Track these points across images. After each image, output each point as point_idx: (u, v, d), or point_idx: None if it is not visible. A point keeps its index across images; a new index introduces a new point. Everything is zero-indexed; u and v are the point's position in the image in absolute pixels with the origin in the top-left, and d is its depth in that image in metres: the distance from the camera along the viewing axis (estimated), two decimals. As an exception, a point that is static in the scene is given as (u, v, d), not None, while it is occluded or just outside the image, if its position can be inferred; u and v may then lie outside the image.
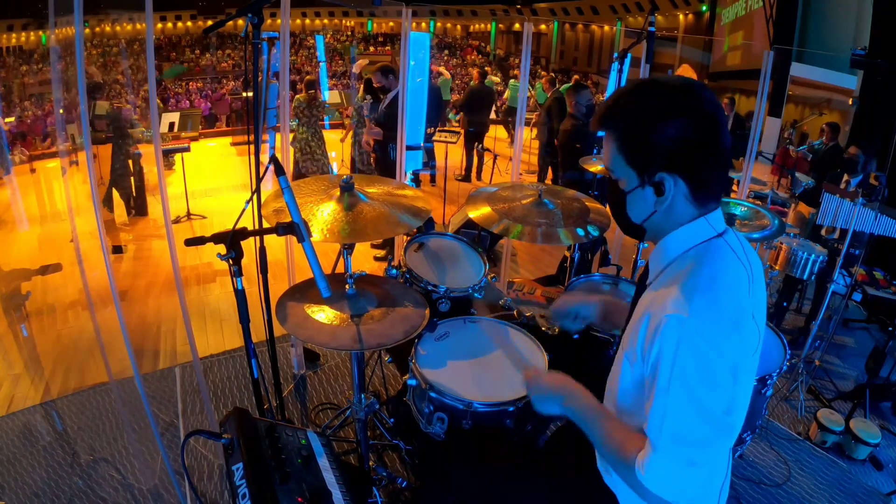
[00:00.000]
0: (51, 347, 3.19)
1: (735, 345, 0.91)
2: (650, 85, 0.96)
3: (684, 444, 0.91)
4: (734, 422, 0.92)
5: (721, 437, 0.93)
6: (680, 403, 0.91)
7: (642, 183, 0.99)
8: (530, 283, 2.46)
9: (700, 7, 15.86)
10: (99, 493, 2.08)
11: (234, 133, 11.49)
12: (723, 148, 0.95)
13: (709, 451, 0.93)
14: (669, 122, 0.93)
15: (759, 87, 3.68)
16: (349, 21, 23.61)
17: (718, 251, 0.98)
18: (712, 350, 0.89)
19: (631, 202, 1.03)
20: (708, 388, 0.90)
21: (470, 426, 1.48)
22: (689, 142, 0.93)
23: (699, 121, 0.93)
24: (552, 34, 22.64)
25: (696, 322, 0.89)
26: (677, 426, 0.91)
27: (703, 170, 0.97)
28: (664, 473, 0.93)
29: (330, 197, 1.73)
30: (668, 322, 0.91)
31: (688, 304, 0.90)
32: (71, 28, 1.69)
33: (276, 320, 1.54)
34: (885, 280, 3.56)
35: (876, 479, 2.41)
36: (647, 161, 0.97)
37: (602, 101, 1.05)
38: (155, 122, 2.09)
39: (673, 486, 0.94)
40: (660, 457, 0.93)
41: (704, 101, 0.93)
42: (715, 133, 0.94)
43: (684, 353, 0.89)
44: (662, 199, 0.98)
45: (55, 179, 7.72)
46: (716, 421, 0.91)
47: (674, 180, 0.96)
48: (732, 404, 0.91)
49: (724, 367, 0.90)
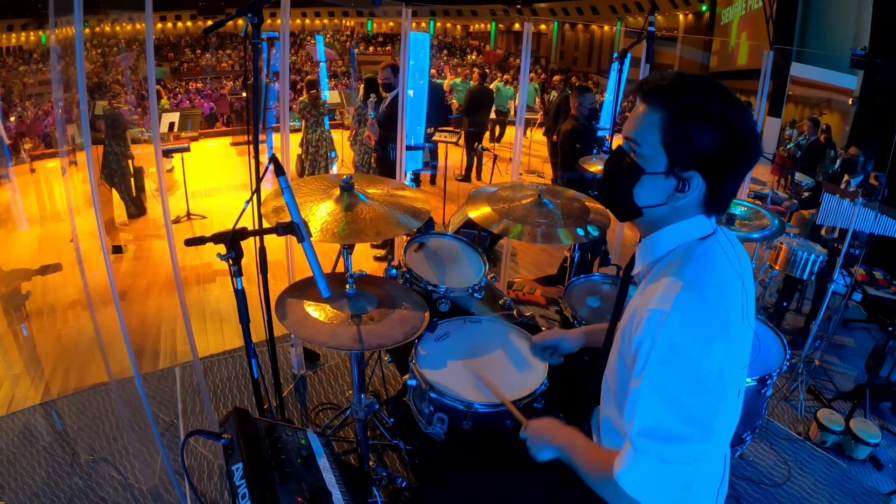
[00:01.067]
0: (51, 347, 3.19)
1: (723, 347, 0.89)
2: (720, 86, 0.95)
3: (655, 440, 0.90)
4: (714, 425, 0.90)
5: (698, 437, 0.89)
6: (652, 397, 0.90)
7: (668, 172, 0.97)
8: (530, 283, 2.46)
9: (700, 7, 15.87)
10: (99, 493, 2.08)
11: (234, 133, 11.50)
12: (747, 169, 0.98)
13: (683, 450, 0.90)
14: (723, 127, 0.92)
15: (759, 87, 3.69)
16: (349, 21, 23.60)
17: (708, 251, 0.98)
18: (696, 347, 0.88)
19: (644, 184, 0.99)
20: (684, 384, 0.88)
21: (470, 427, 1.48)
22: (728, 154, 0.94)
23: (741, 137, 0.93)
24: (552, 34, 22.63)
25: (678, 316, 0.88)
26: (649, 420, 0.90)
27: (727, 183, 0.97)
28: (636, 471, 0.92)
29: (330, 197, 1.73)
30: (649, 316, 0.91)
31: (671, 299, 0.90)
32: (71, 28, 1.69)
33: (276, 319, 1.54)
34: (885, 280, 3.56)
35: (876, 479, 2.41)
36: (686, 153, 0.95)
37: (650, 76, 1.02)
38: (155, 123, 2.09)
39: (647, 486, 0.92)
40: (632, 453, 0.92)
41: (751, 122, 0.94)
42: (749, 153, 0.95)
43: (660, 347, 0.89)
44: (680, 196, 0.97)
45: (55, 179, 7.72)
46: (692, 419, 0.89)
47: (700, 182, 0.96)
48: (715, 406, 0.89)
49: (708, 366, 0.88)
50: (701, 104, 0.93)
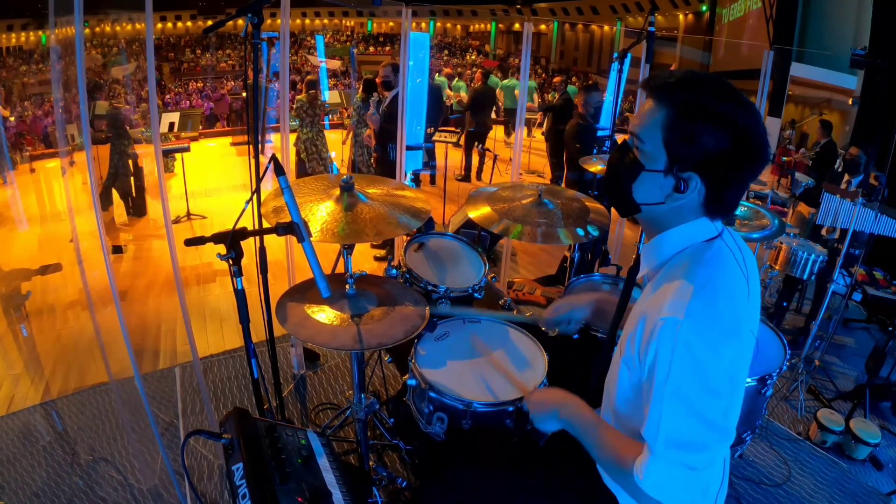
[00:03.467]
0: (51, 347, 3.19)
1: (734, 351, 0.90)
2: (730, 88, 0.92)
3: (682, 449, 0.90)
4: (730, 426, 0.92)
5: (718, 441, 0.92)
6: (676, 408, 0.90)
7: (667, 170, 0.95)
8: (530, 283, 2.46)
9: (700, 7, 15.87)
10: (99, 493, 2.08)
11: (234, 133, 11.50)
12: (752, 175, 0.95)
13: (706, 456, 0.92)
14: (729, 130, 0.90)
15: (759, 87, 3.69)
16: (349, 21, 23.61)
17: (716, 253, 0.97)
18: (709, 354, 0.88)
19: (643, 180, 0.98)
20: (704, 393, 0.89)
21: (470, 426, 1.48)
22: (732, 158, 0.91)
23: (748, 142, 0.91)
24: (552, 34, 22.63)
25: (691, 324, 0.88)
26: (674, 430, 0.90)
27: (729, 188, 0.95)
28: (662, 478, 0.93)
29: (330, 197, 1.73)
30: (663, 325, 0.90)
31: (683, 306, 0.89)
32: (71, 28, 1.69)
33: (277, 320, 1.54)
34: (885, 280, 3.56)
35: (876, 479, 2.41)
36: (687, 153, 0.93)
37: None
38: (155, 123, 2.09)
39: (672, 490, 0.93)
40: (658, 461, 0.92)
41: (761, 127, 0.92)
42: (755, 160, 0.93)
43: (680, 357, 0.88)
44: (679, 197, 0.96)
45: (55, 179, 7.72)
46: (713, 425, 0.90)
47: (699, 184, 0.94)
48: (729, 409, 0.91)
49: (722, 371, 0.89)
50: (707, 105, 0.91)
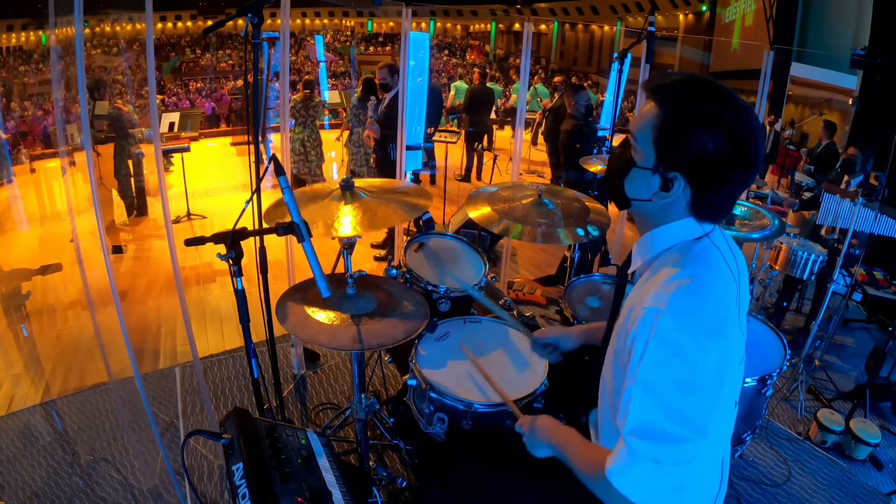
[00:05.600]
0: (51, 347, 3.19)
1: (716, 349, 0.89)
2: (725, 94, 0.92)
3: (647, 439, 0.89)
4: (705, 424, 0.89)
5: (690, 438, 0.88)
6: (643, 397, 0.89)
7: (655, 169, 0.97)
8: (530, 283, 2.46)
9: (700, 7, 15.87)
10: (99, 493, 2.08)
11: (234, 133, 11.50)
12: (741, 181, 0.95)
13: (674, 450, 0.89)
14: (720, 136, 0.90)
15: (759, 87, 3.69)
16: (349, 21, 23.60)
17: (703, 251, 0.97)
18: (690, 346, 0.87)
19: (633, 176, 1.01)
20: (677, 384, 0.88)
21: (470, 426, 1.48)
22: (721, 163, 0.91)
23: (737, 149, 0.91)
24: (552, 34, 22.63)
25: (672, 315, 0.88)
26: (639, 419, 0.90)
27: (715, 192, 0.95)
28: (628, 469, 0.91)
29: (330, 197, 1.72)
30: (644, 314, 0.91)
31: (666, 297, 0.90)
32: (71, 28, 1.70)
33: (277, 320, 1.54)
34: (885, 280, 3.56)
35: (876, 479, 2.41)
36: (673, 153, 0.94)
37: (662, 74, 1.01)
38: (155, 123, 2.09)
39: (637, 485, 0.91)
40: (624, 451, 0.91)
41: (755, 131, 0.91)
42: (745, 165, 0.92)
43: (654, 346, 0.89)
44: (664, 195, 0.97)
45: (55, 179, 7.72)
46: (683, 420, 0.88)
47: (684, 185, 0.95)
48: (705, 407, 0.89)
49: (699, 367, 0.88)
50: (696, 108, 0.91)
